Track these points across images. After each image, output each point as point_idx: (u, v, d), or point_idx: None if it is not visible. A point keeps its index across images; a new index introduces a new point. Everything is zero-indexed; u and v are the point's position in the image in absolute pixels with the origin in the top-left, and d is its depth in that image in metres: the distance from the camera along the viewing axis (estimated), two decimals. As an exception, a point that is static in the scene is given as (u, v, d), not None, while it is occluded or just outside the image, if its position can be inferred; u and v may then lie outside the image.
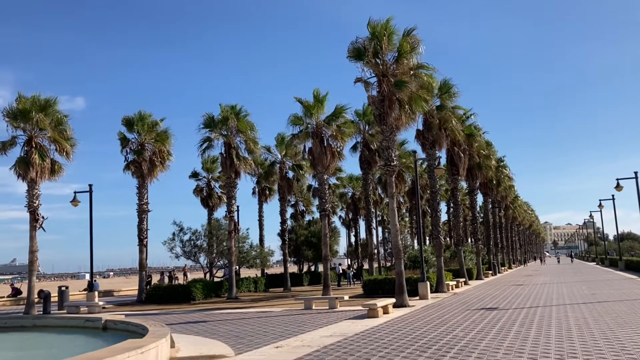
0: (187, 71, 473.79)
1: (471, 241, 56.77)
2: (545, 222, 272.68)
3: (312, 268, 50.19)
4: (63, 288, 28.59)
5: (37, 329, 17.07)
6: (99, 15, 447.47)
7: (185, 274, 47.31)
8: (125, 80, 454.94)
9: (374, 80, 22.81)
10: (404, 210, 58.82)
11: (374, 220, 39.47)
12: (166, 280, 42.20)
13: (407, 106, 22.70)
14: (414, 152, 29.89)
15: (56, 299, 28.10)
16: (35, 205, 26.07)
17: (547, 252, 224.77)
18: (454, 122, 31.76)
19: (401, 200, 52.09)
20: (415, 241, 49.84)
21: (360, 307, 19.24)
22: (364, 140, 34.93)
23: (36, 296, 26.18)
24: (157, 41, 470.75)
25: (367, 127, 34.81)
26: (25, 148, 25.97)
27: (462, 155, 35.65)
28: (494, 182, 53.54)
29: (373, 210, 42.32)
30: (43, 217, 26.34)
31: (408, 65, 22.64)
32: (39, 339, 15.61)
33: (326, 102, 29.05)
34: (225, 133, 31.53)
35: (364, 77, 22.76)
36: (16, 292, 37.12)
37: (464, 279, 35.16)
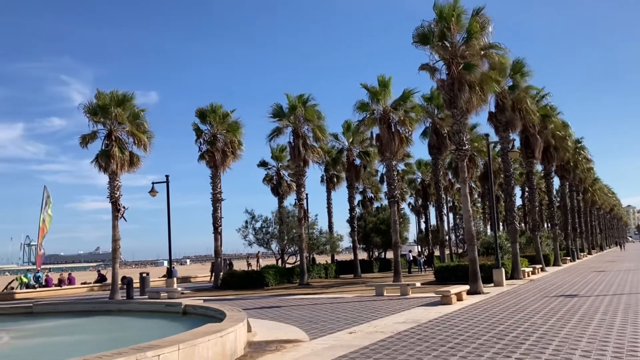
0: (253, 62, 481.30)
1: (548, 226, 54.69)
2: (629, 206, 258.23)
3: (382, 255, 50.06)
4: (144, 275, 29.95)
5: (122, 313, 18.03)
6: (166, 12, 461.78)
7: (257, 261, 48.35)
8: (194, 73, 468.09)
9: (440, 64, 22.31)
10: (476, 196, 57.37)
11: (445, 206, 38.76)
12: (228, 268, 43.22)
13: (477, 88, 22.04)
14: (487, 135, 29.03)
15: (138, 285, 29.47)
16: (116, 196, 27.42)
17: (631, 237, 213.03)
18: (528, 102, 30.55)
19: (473, 185, 50.84)
20: (488, 227, 48.63)
21: (432, 294, 19.02)
22: (432, 124, 34.29)
23: (120, 282, 27.63)
24: (222, 34, 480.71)
25: (435, 111, 34.13)
26: (106, 142, 27.29)
27: (538, 137, 34.26)
28: (571, 164, 51.22)
29: (444, 196, 41.54)
30: (124, 207, 27.69)
31: (478, 45, 21.94)
32: (125, 323, 16.48)
33: (391, 86, 28.71)
34: (293, 122, 31.83)
35: (430, 62, 22.29)
36: (102, 278, 39.25)
37: (540, 266, 33.97)
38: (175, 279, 33.37)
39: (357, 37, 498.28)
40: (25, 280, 37.50)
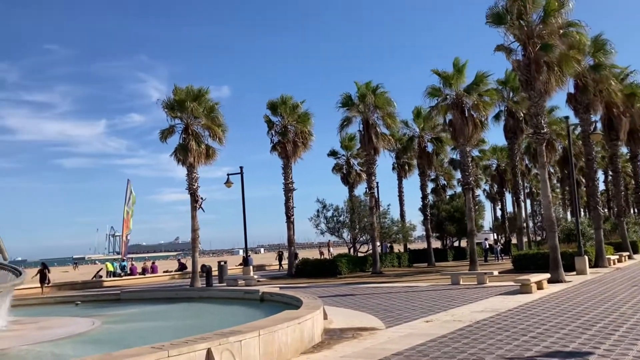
0: (320, 54, 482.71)
1: (634, 212, 51.69)
2: None
3: (456, 243, 49.12)
4: (222, 263, 30.93)
5: (203, 300, 18.74)
6: (236, 8, 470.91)
7: (329, 249, 48.72)
8: (263, 67, 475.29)
9: (516, 45, 21.48)
10: (555, 181, 55.04)
11: (522, 193, 37.43)
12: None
13: (556, 68, 21.09)
14: (566, 117, 27.69)
15: (216, 273, 30.48)
16: (194, 187, 28.43)
17: None
18: (611, 82, 28.85)
19: (551, 170, 48.75)
20: (568, 213, 46.57)
21: (511, 283, 18.47)
22: (508, 108, 33.13)
23: (199, 270, 28.69)
24: (289, 28, 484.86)
25: (511, 94, 32.94)
26: (183, 135, 28.31)
27: (622, 117, 32.32)
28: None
29: (520, 181, 40.15)
30: (202, 198, 28.68)
31: (556, 24, 20.94)
32: (206, 309, 17.12)
33: (466, 70, 28.04)
34: (363, 110, 31.70)
35: (505, 43, 21.52)
36: (182, 266, 40.93)
37: (627, 253, 32.18)
38: (251, 267, 34.25)
39: (423, 22, 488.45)
40: (111, 268, 39.72)
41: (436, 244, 45.64)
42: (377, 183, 35.22)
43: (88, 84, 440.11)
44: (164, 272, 40.32)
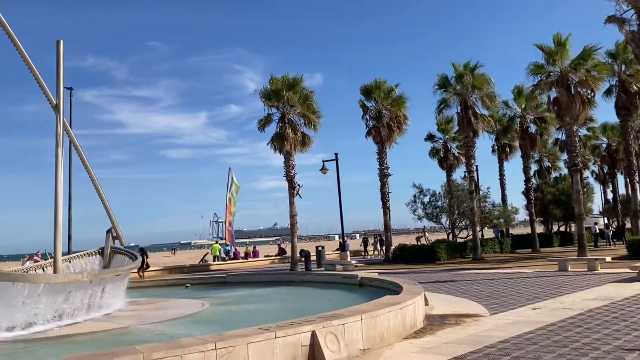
0: (413, 35, 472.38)
1: None
2: None
3: (562, 228, 46.57)
4: (320, 248, 31.47)
5: (304, 284, 19.18)
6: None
7: (424, 235, 47.98)
8: (356, 53, 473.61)
9: (630, 14, 19.83)
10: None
11: (637, 174, 34.63)
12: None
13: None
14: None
15: (315, 257, 31.05)
16: (291, 174, 29.05)
17: None
18: None
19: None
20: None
21: (627, 270, 17.25)
22: (619, 82, 30.73)
23: (298, 255, 29.37)
24: (379, 14, 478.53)
25: (623, 68, 30.53)
26: (279, 124, 28.95)
27: None
28: None
29: (635, 161, 37.23)
30: (299, 185, 29.27)
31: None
32: (306, 293, 17.50)
33: (569, 45, 26.30)
34: (461, 91, 30.74)
35: (617, 13, 19.94)
36: (281, 251, 42.11)
37: None
38: (348, 252, 34.55)
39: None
40: (217, 253, 41.67)
41: (540, 228, 43.55)
42: (477, 166, 34.14)
43: (189, 77, 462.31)
44: (265, 256, 41.67)
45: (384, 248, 40.22)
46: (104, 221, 16.42)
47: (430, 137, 39.82)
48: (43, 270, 15.86)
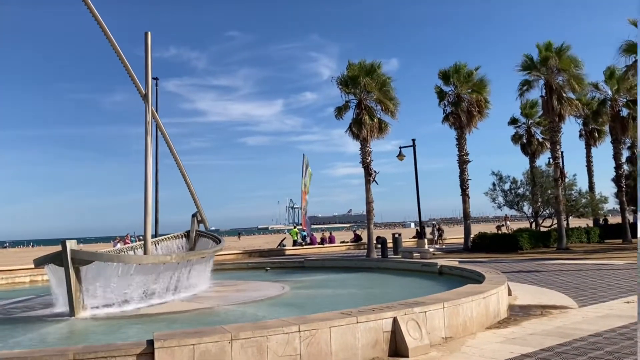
0: (488, 17, 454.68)
1: None
2: None
3: (657, 218, 43.61)
4: (397, 235, 31.20)
5: (381, 271, 19.19)
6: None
7: (505, 223, 46.51)
8: (432, 36, 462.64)
9: None
10: None
11: None
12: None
13: None
14: None
15: (391, 245, 30.88)
16: (368, 161, 28.95)
17: None
18: None
19: None
20: None
21: None
22: None
23: (375, 242, 29.31)
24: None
25: None
26: (356, 110, 28.85)
27: None
28: None
29: None
30: (375, 172, 29.12)
31: None
32: (385, 279, 17.49)
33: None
34: (546, 73, 29.34)
35: None
36: (357, 237, 42.20)
37: None
38: (425, 240, 34.09)
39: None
40: (295, 237, 42.45)
41: (632, 218, 41.00)
42: (562, 152, 32.56)
43: (265, 66, 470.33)
44: (341, 242, 41.94)
45: (442, 239, 39.37)
46: (188, 205, 17.22)
47: (513, 122, 38.29)
48: (134, 252, 16.67)
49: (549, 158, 33.01)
